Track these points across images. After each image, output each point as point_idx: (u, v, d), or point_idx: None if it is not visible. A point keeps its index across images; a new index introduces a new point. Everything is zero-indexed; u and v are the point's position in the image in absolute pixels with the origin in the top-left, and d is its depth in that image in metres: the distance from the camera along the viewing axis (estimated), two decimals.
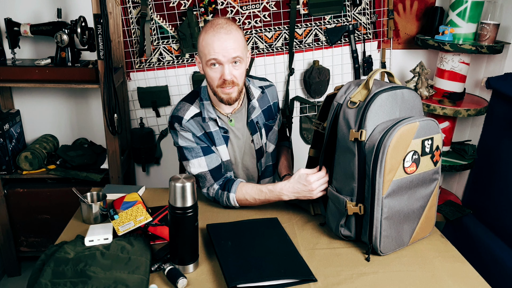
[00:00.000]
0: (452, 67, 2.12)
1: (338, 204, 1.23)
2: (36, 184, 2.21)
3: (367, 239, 1.19)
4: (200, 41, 1.39)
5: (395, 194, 1.14)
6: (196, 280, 1.10)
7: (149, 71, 2.30)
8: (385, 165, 1.10)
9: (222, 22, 1.37)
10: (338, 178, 1.25)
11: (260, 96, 1.57)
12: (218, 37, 1.34)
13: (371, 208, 1.15)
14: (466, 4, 2.00)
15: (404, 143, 1.12)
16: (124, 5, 2.17)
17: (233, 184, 1.44)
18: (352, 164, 1.16)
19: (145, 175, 2.54)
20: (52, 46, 2.12)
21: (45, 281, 1.04)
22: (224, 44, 1.34)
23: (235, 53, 1.35)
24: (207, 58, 1.37)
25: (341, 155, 1.22)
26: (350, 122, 1.16)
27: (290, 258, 1.17)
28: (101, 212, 1.37)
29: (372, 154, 1.11)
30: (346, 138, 1.18)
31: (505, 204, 1.96)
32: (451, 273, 1.15)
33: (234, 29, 1.37)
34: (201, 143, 1.47)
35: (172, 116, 1.48)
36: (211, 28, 1.36)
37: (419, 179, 1.18)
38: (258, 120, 1.56)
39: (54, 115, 2.37)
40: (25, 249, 2.29)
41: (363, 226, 1.20)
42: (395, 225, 1.17)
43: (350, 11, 2.25)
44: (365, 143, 1.13)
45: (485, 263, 1.92)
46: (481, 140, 2.23)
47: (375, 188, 1.12)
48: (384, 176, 1.11)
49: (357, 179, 1.16)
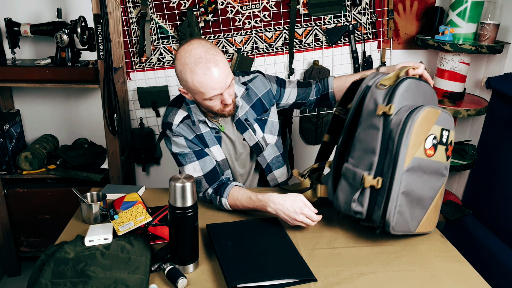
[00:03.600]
0: (452, 67, 2.12)
1: (354, 179, 1.22)
2: (36, 184, 2.21)
3: (379, 216, 1.18)
4: (189, 81, 1.29)
5: (414, 171, 1.17)
6: (196, 280, 1.10)
7: (149, 71, 2.30)
8: (410, 139, 1.14)
9: (203, 55, 1.26)
10: (355, 155, 1.25)
11: (244, 93, 1.52)
12: (210, 75, 1.26)
13: (390, 181, 1.16)
14: (466, 4, 2.00)
15: (428, 123, 1.18)
16: (124, 5, 2.17)
17: (226, 189, 1.42)
18: (375, 138, 1.19)
19: (145, 175, 2.54)
20: (52, 46, 2.12)
21: (45, 281, 1.04)
22: (218, 78, 1.27)
23: (228, 79, 1.30)
24: (206, 97, 1.31)
25: (362, 132, 1.24)
26: (378, 99, 1.22)
27: (290, 258, 1.17)
28: (101, 212, 1.37)
29: (399, 127, 1.15)
30: (371, 114, 1.22)
31: (505, 204, 1.96)
32: (451, 273, 1.15)
33: (216, 54, 1.28)
34: (194, 147, 1.46)
35: (163, 123, 1.48)
36: (196, 66, 1.26)
37: (433, 167, 1.21)
38: (247, 117, 1.53)
39: (54, 115, 2.37)
40: (25, 249, 2.29)
41: (377, 201, 1.19)
42: (409, 204, 1.18)
43: (350, 11, 2.25)
44: (391, 118, 1.17)
45: (485, 263, 1.92)
46: (481, 140, 2.23)
47: (397, 160, 1.14)
48: (408, 150, 1.14)
49: (378, 153, 1.18)
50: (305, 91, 1.64)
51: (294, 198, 1.30)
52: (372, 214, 1.20)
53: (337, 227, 1.36)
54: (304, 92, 1.64)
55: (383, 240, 1.29)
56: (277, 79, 1.63)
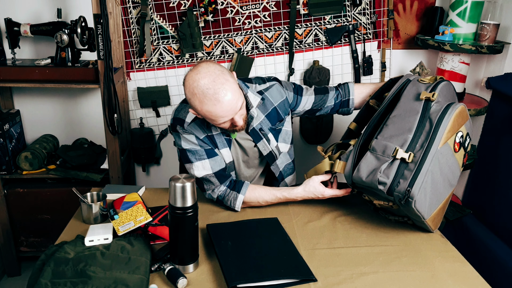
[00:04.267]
0: (452, 67, 2.12)
1: (383, 152, 1.24)
2: (36, 184, 2.21)
3: (404, 189, 1.18)
4: (199, 109, 1.29)
5: (443, 156, 1.23)
6: (196, 280, 1.11)
7: (149, 71, 2.30)
8: (449, 123, 1.22)
9: (211, 85, 1.24)
10: (387, 133, 1.29)
11: (260, 103, 1.49)
12: (220, 106, 1.26)
13: (423, 156, 1.20)
14: (466, 4, 2.00)
15: (462, 119, 1.28)
16: (124, 5, 2.17)
17: (243, 186, 1.44)
18: (412, 119, 1.27)
19: (145, 175, 2.54)
20: (52, 46, 2.12)
21: (45, 281, 1.04)
22: (227, 107, 1.27)
23: (238, 104, 1.30)
24: (216, 123, 1.33)
25: (398, 114, 1.31)
26: (420, 89, 1.34)
27: (290, 258, 1.17)
28: (101, 212, 1.37)
29: (439, 112, 1.24)
30: (411, 99, 1.32)
31: (505, 204, 1.96)
32: (451, 273, 1.15)
33: (225, 82, 1.26)
34: (204, 146, 1.46)
35: (174, 118, 1.47)
36: (204, 97, 1.25)
37: (453, 166, 1.27)
38: (262, 127, 1.52)
39: (54, 115, 2.37)
40: (25, 249, 2.30)
41: (404, 174, 1.20)
42: (431, 185, 1.21)
43: (350, 11, 2.25)
44: (432, 105, 1.27)
45: (485, 263, 1.92)
46: (481, 140, 2.23)
47: (434, 138, 1.21)
48: (445, 133, 1.21)
49: (414, 132, 1.25)
50: (321, 98, 1.61)
51: (313, 187, 1.41)
52: (396, 187, 1.20)
53: (337, 227, 1.36)
54: (320, 99, 1.61)
55: (383, 240, 1.29)
56: (294, 87, 1.60)
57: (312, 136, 2.45)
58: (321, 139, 2.46)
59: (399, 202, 1.20)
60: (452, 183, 1.30)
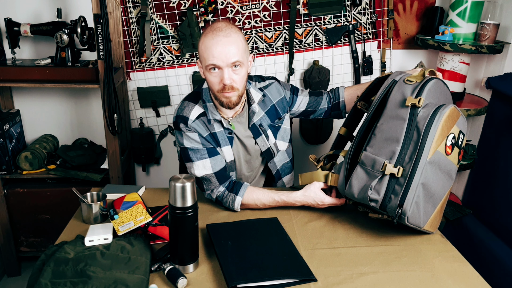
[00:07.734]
0: (452, 67, 2.12)
1: (372, 166, 1.23)
2: (36, 184, 2.21)
3: (395, 205, 1.17)
4: (200, 45, 1.37)
5: (434, 165, 1.19)
6: (196, 280, 1.11)
7: (149, 71, 2.30)
8: (437, 131, 1.17)
9: (221, 25, 1.34)
10: (375, 144, 1.26)
11: (261, 100, 1.54)
12: (217, 41, 1.32)
13: (412, 170, 1.17)
14: (466, 4, 2.00)
15: (451, 122, 1.22)
16: (124, 5, 2.17)
17: (241, 188, 1.43)
18: (399, 128, 1.22)
19: (145, 175, 2.54)
20: (52, 46, 2.12)
21: (45, 281, 1.04)
22: (223, 48, 1.31)
23: (234, 57, 1.33)
24: (207, 63, 1.35)
25: (385, 122, 1.26)
26: (405, 93, 1.26)
27: (290, 258, 1.17)
28: (101, 212, 1.37)
29: (426, 120, 1.18)
30: (398, 106, 1.26)
31: (505, 204, 1.96)
32: (451, 273, 1.15)
33: (234, 32, 1.34)
34: (206, 144, 1.46)
35: (177, 116, 1.47)
36: (210, 31, 1.34)
37: (448, 167, 1.24)
38: (261, 123, 1.55)
39: (54, 115, 2.37)
40: (25, 249, 2.29)
41: (395, 190, 1.19)
42: (424, 197, 1.19)
43: (350, 11, 2.25)
44: (419, 111, 1.21)
45: (485, 263, 1.92)
46: (481, 140, 2.23)
47: (423, 149, 1.17)
48: (433, 141, 1.17)
49: (402, 142, 1.21)
50: (316, 100, 1.66)
51: (314, 192, 1.39)
52: (388, 203, 1.20)
53: (337, 227, 1.36)
54: (315, 100, 1.66)
55: (383, 240, 1.29)
56: (291, 87, 1.66)
57: (312, 136, 2.46)
58: (321, 139, 2.46)
59: (392, 219, 1.21)
60: (450, 179, 1.27)
